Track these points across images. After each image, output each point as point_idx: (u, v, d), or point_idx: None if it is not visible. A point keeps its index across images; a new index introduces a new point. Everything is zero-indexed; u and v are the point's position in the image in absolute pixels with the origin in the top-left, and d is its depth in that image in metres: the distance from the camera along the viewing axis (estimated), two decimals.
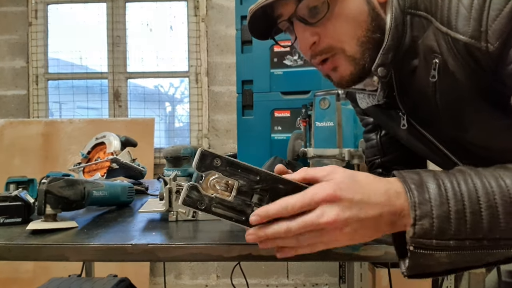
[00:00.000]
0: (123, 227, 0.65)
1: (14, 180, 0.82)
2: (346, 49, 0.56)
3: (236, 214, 0.43)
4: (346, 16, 0.55)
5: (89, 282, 1.18)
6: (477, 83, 0.51)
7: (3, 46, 2.54)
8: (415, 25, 0.55)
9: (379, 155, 0.81)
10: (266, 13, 0.60)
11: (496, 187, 0.40)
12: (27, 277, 2.09)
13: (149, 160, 2.26)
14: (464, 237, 0.39)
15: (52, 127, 2.34)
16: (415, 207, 0.40)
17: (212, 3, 2.49)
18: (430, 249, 0.40)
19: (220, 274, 2.43)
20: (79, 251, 0.54)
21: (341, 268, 2.30)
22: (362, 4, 0.55)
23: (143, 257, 0.54)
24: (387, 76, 0.57)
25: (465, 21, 0.47)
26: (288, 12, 0.57)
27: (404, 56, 0.56)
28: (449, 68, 0.52)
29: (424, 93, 0.57)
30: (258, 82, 1.45)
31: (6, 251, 0.55)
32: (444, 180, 0.41)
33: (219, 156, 0.43)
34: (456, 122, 0.57)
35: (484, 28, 0.46)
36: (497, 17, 0.45)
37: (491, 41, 0.46)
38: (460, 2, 0.48)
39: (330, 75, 0.61)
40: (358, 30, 0.55)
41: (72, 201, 0.64)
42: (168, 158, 1.00)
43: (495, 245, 0.40)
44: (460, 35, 0.48)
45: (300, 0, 0.55)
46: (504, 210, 0.39)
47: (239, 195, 0.43)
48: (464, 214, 0.39)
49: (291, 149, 1.22)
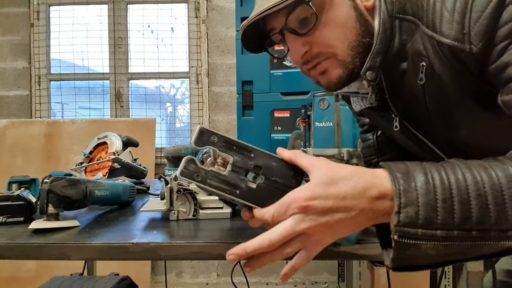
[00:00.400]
0: (125, 226, 0.65)
1: (17, 180, 0.83)
2: (337, 53, 0.58)
3: (230, 187, 0.45)
4: (335, 23, 0.56)
5: (91, 280, 1.19)
6: (464, 85, 0.51)
7: (5, 47, 2.56)
8: (403, 29, 0.56)
9: (376, 154, 0.82)
10: (259, 28, 0.62)
11: (486, 177, 0.39)
12: (29, 276, 2.10)
13: (151, 160, 2.27)
14: (451, 227, 0.38)
15: (54, 127, 2.35)
16: (400, 194, 0.38)
17: (213, 4, 2.49)
18: (416, 238, 0.38)
19: (220, 273, 2.44)
20: (81, 250, 0.55)
21: (340, 266, 2.31)
22: (349, 10, 0.57)
23: (145, 256, 0.55)
24: (375, 80, 0.58)
25: (449, 24, 0.48)
26: (279, 25, 0.59)
27: (394, 60, 0.57)
28: (436, 71, 0.53)
29: (414, 96, 0.58)
30: (258, 83, 1.46)
31: (9, 250, 0.55)
32: (432, 170, 0.40)
33: (216, 133, 0.45)
34: (446, 123, 0.58)
35: (467, 30, 0.47)
36: (479, 19, 0.45)
37: (474, 43, 0.47)
38: (443, 6, 0.49)
39: (319, 80, 0.63)
40: (349, 34, 0.57)
41: (74, 200, 0.65)
42: (169, 158, 1.01)
43: (485, 236, 0.38)
44: (444, 38, 0.49)
45: (290, 13, 0.56)
46: (494, 200, 0.38)
47: (234, 170, 0.45)
48: (451, 203, 0.38)
49: (291, 149, 1.23)
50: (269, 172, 0.45)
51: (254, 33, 0.62)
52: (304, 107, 1.12)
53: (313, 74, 0.62)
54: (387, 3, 0.57)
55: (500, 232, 0.38)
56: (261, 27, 0.62)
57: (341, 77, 0.59)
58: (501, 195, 0.38)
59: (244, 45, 0.64)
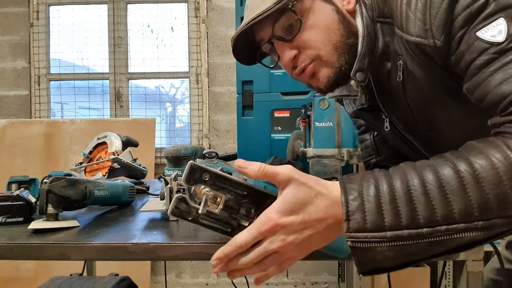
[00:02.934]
0: (124, 226, 0.65)
1: (16, 180, 0.82)
2: (322, 55, 0.60)
3: (222, 226, 0.45)
4: (318, 26, 0.60)
5: (90, 281, 1.19)
6: (435, 79, 0.54)
7: (5, 46, 2.56)
8: (385, 32, 0.59)
9: (374, 154, 0.82)
10: (249, 41, 0.65)
11: (431, 176, 0.40)
12: (29, 276, 2.10)
13: (150, 160, 2.27)
14: (400, 227, 0.39)
15: (54, 127, 2.35)
16: (347, 203, 0.40)
17: (213, 4, 2.49)
18: (367, 242, 0.39)
19: (220, 273, 2.44)
20: (81, 250, 0.55)
21: (340, 267, 2.31)
22: (332, 13, 0.61)
23: (144, 256, 0.55)
24: (365, 80, 0.61)
25: (412, 23, 0.52)
26: (267, 34, 0.63)
27: (380, 61, 0.61)
28: (409, 69, 0.56)
29: (397, 94, 0.61)
30: (258, 83, 1.46)
31: (8, 250, 0.55)
32: (380, 177, 0.42)
33: (208, 170, 0.43)
34: (428, 122, 0.61)
35: (428, 26, 0.50)
36: (437, 14, 0.48)
37: (436, 37, 0.49)
38: (407, 7, 0.52)
39: (310, 83, 0.65)
40: (333, 36, 0.60)
41: (73, 200, 0.65)
42: (169, 158, 1.01)
43: (436, 232, 0.38)
44: (410, 36, 0.52)
45: (275, 22, 0.60)
46: (438, 195, 0.38)
47: (226, 208, 0.44)
48: (396, 204, 0.39)
49: (291, 149, 1.23)
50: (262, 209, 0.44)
51: (246, 46, 0.66)
52: (304, 107, 1.12)
53: (303, 78, 0.65)
54: (367, 9, 0.60)
55: (450, 226, 0.38)
56: (251, 40, 0.65)
57: (329, 77, 0.62)
58: (443, 190, 0.39)
59: (237, 57, 0.68)
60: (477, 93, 0.47)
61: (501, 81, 0.43)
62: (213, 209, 0.44)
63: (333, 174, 1.02)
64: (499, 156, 0.39)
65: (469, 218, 0.38)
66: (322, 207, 0.42)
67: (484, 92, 0.45)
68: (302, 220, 0.42)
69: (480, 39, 0.45)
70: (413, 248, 0.40)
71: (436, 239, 0.39)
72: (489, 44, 0.45)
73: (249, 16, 0.60)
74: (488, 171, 0.38)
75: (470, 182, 0.38)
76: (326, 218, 0.42)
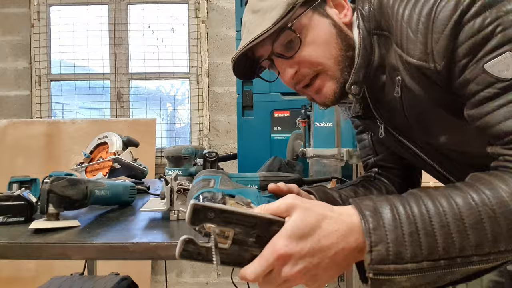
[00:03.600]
0: (125, 226, 0.66)
1: (17, 180, 0.83)
2: (326, 69, 0.61)
3: (233, 260, 0.43)
4: (317, 42, 0.60)
5: (91, 280, 1.19)
6: (434, 97, 0.54)
7: (6, 47, 2.56)
8: (381, 44, 0.59)
9: (372, 154, 0.82)
10: (248, 57, 0.65)
11: (447, 207, 0.41)
12: (30, 275, 2.11)
13: (151, 160, 2.27)
14: (420, 259, 0.40)
15: (55, 127, 2.35)
16: (370, 233, 0.40)
17: (213, 5, 2.50)
18: (389, 274, 0.39)
19: (220, 272, 2.44)
20: (81, 249, 0.55)
21: None
22: (329, 28, 0.60)
23: (145, 256, 0.55)
24: (360, 93, 0.61)
25: (413, 44, 0.51)
26: (266, 52, 0.62)
27: (375, 73, 0.61)
28: (407, 85, 0.56)
29: (394, 106, 0.61)
30: (258, 83, 1.46)
31: (9, 249, 0.55)
32: (397, 204, 0.42)
33: (212, 208, 0.40)
34: (426, 131, 0.61)
35: (430, 50, 0.50)
36: (439, 40, 0.48)
37: (437, 61, 0.49)
38: (408, 27, 0.52)
39: (314, 98, 0.66)
40: (332, 50, 0.60)
41: (74, 200, 0.65)
42: (169, 158, 1.01)
43: (452, 264, 0.40)
44: (411, 58, 0.52)
45: (275, 41, 0.60)
46: (457, 229, 0.40)
47: (236, 242, 0.42)
48: (418, 236, 0.40)
49: (291, 149, 1.23)
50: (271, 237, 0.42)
51: (245, 62, 0.66)
52: (304, 107, 1.13)
53: (309, 93, 0.65)
54: (364, 21, 0.60)
55: (465, 258, 0.40)
56: (250, 56, 0.65)
57: (336, 92, 0.62)
58: (462, 223, 0.40)
59: (236, 74, 0.68)
60: (480, 123, 0.48)
61: (506, 117, 0.45)
62: (223, 245, 0.41)
63: (333, 174, 1.02)
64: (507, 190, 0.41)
65: (482, 251, 0.40)
66: (331, 231, 0.41)
67: (488, 125, 0.47)
68: (311, 247, 0.40)
69: (487, 72, 0.46)
70: (428, 278, 0.41)
71: (449, 270, 0.40)
72: (496, 79, 0.45)
73: (248, 37, 0.60)
74: (501, 207, 0.40)
75: (487, 217, 0.40)
76: (337, 243, 0.41)
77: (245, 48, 0.60)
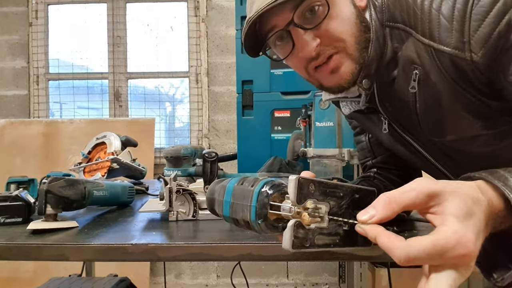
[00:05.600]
0: (124, 227, 0.65)
1: (15, 180, 0.82)
2: (347, 47, 0.56)
3: (333, 240, 0.39)
4: (341, 17, 0.56)
5: (89, 282, 1.19)
6: (458, 94, 0.52)
7: (4, 46, 2.55)
8: (394, 37, 0.57)
9: (370, 156, 0.81)
10: (255, 30, 0.59)
11: None
12: (28, 277, 2.10)
13: (150, 160, 2.26)
14: None
15: (53, 127, 2.34)
16: None
17: (212, 3, 2.49)
18: None
19: (220, 274, 2.44)
20: (80, 251, 0.55)
21: (340, 267, 2.30)
22: (350, 6, 0.57)
23: (144, 257, 0.55)
24: (370, 88, 0.59)
25: (448, 32, 0.49)
26: (283, 21, 0.56)
27: (386, 67, 0.58)
28: (431, 79, 0.53)
29: (404, 102, 0.59)
30: (258, 82, 1.46)
31: (7, 250, 0.55)
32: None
33: (313, 180, 0.37)
34: (435, 129, 0.59)
35: (467, 39, 0.47)
36: (479, 27, 0.46)
37: (474, 51, 0.47)
38: (440, 14, 0.49)
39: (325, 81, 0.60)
40: (354, 29, 0.56)
41: (72, 201, 0.64)
42: (168, 158, 1.00)
43: None
44: (444, 47, 0.49)
45: (297, 6, 0.54)
46: None
47: (331, 219, 0.39)
48: None
49: (291, 149, 1.23)
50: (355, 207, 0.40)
51: (251, 36, 0.60)
52: (305, 107, 1.12)
53: (322, 72, 0.59)
54: (377, 11, 0.57)
55: None
56: (257, 29, 0.59)
57: (353, 73, 0.57)
58: None
59: (246, 46, 0.62)
60: None
61: None
62: (321, 224, 0.38)
63: (334, 174, 1.02)
64: None
65: None
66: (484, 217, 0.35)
67: None
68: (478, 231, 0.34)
69: None
70: None
71: None
72: None
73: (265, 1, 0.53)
74: None
75: None
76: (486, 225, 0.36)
77: (267, 7, 0.52)
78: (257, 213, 0.37)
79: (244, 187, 0.41)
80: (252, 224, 0.39)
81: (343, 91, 0.61)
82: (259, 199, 0.37)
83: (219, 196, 0.45)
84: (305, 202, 0.37)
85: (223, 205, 0.43)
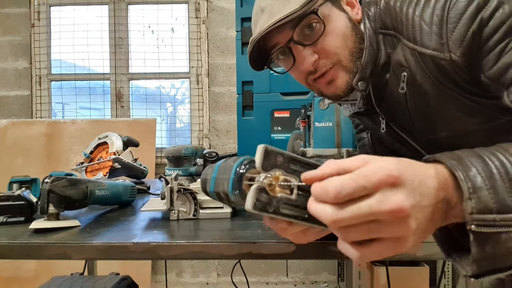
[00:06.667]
0: (125, 226, 0.66)
1: (17, 180, 0.83)
2: (341, 60, 0.62)
3: (300, 213, 0.39)
4: (337, 33, 0.61)
5: (91, 280, 1.19)
6: (444, 93, 0.55)
7: (6, 47, 2.56)
8: (387, 43, 0.61)
9: (371, 152, 0.84)
10: (260, 46, 0.65)
11: None
12: (30, 275, 2.11)
13: (151, 160, 2.27)
14: None
15: (55, 127, 2.35)
16: (465, 179, 0.34)
17: (213, 5, 2.50)
18: (494, 225, 0.33)
19: (220, 272, 2.45)
20: (82, 249, 0.55)
21: (340, 266, 2.31)
22: (346, 21, 0.62)
23: (145, 255, 0.55)
24: (366, 90, 0.62)
25: (428, 36, 0.53)
26: (284, 39, 0.62)
27: (381, 70, 0.62)
28: (417, 80, 0.57)
29: (397, 102, 0.62)
30: (258, 83, 1.46)
31: (9, 249, 0.55)
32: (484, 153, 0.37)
33: (281, 152, 0.39)
34: (428, 127, 0.62)
35: (445, 40, 0.51)
36: (455, 29, 0.50)
37: (453, 51, 0.50)
38: (421, 20, 0.53)
39: (324, 90, 0.66)
40: (348, 42, 0.61)
41: (74, 200, 0.65)
42: (169, 157, 1.01)
43: None
44: (425, 49, 0.53)
45: (296, 26, 0.60)
46: None
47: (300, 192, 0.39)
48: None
49: (291, 149, 1.23)
50: None
51: (256, 52, 0.65)
52: (304, 107, 1.13)
53: (320, 83, 0.65)
54: (370, 21, 0.62)
55: None
56: (261, 45, 0.65)
57: (348, 82, 0.62)
58: None
59: (251, 62, 0.67)
60: None
61: None
62: (289, 196, 0.38)
63: None
64: None
65: None
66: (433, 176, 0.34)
67: None
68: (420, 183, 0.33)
69: None
70: None
71: None
72: None
73: (270, 20, 0.59)
74: None
75: None
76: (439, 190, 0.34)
77: (268, 29, 0.59)
78: (234, 184, 0.39)
79: (226, 163, 0.43)
80: (229, 195, 0.41)
81: (340, 99, 0.66)
82: (236, 171, 0.40)
83: (209, 175, 0.47)
84: (274, 173, 0.38)
85: (210, 181, 0.46)
